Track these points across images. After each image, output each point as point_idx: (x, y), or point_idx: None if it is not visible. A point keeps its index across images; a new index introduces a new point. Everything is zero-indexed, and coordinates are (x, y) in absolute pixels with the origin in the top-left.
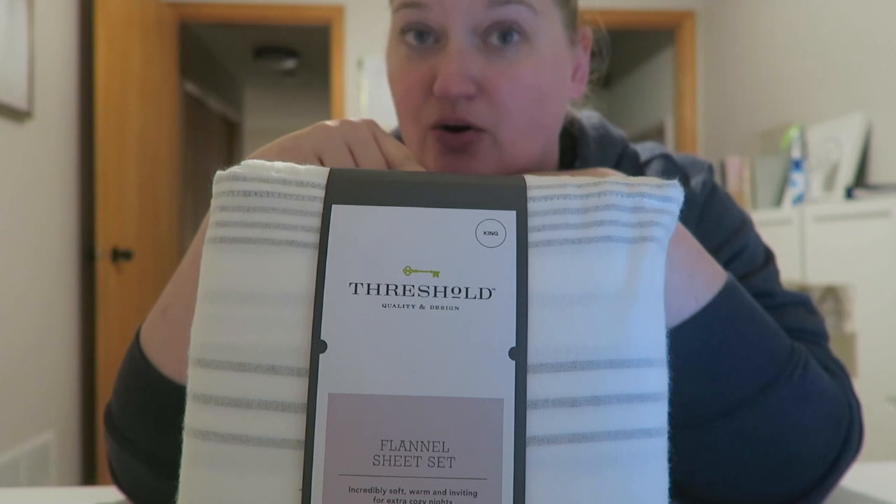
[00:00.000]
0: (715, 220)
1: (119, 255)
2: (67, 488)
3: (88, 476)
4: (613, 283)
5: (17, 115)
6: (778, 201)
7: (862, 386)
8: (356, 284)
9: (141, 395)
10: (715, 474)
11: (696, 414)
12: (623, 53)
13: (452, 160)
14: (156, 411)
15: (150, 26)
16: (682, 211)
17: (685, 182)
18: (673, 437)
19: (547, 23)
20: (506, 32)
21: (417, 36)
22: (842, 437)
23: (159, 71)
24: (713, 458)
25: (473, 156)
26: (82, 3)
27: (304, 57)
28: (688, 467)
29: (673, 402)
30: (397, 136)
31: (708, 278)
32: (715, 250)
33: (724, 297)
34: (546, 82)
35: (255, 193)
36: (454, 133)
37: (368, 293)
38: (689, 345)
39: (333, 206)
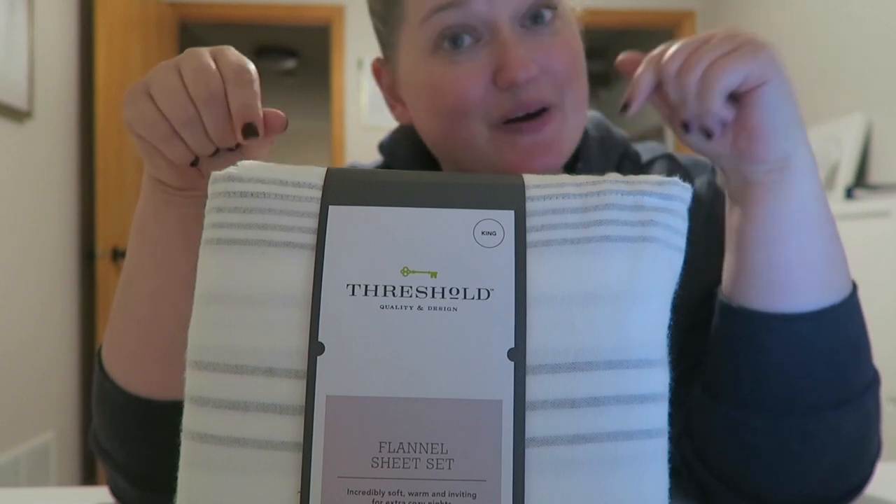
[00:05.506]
0: (722, 221)
1: (119, 255)
2: (67, 488)
3: (88, 476)
4: (613, 283)
5: (17, 115)
6: None
7: None
8: (353, 286)
9: (104, 406)
10: (788, 465)
11: (808, 401)
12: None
13: (534, 149)
14: (117, 422)
15: (150, 26)
16: (690, 210)
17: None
18: (762, 421)
19: None
20: (537, 14)
21: (452, 41)
22: (880, 440)
23: None
24: (797, 450)
25: (551, 137)
26: (82, 3)
27: (304, 57)
28: (761, 455)
29: (789, 385)
30: (396, 141)
31: (846, 268)
32: (723, 252)
33: (855, 290)
34: (581, 48)
35: (252, 194)
36: (532, 120)
37: (366, 294)
38: (834, 330)
39: (330, 206)
